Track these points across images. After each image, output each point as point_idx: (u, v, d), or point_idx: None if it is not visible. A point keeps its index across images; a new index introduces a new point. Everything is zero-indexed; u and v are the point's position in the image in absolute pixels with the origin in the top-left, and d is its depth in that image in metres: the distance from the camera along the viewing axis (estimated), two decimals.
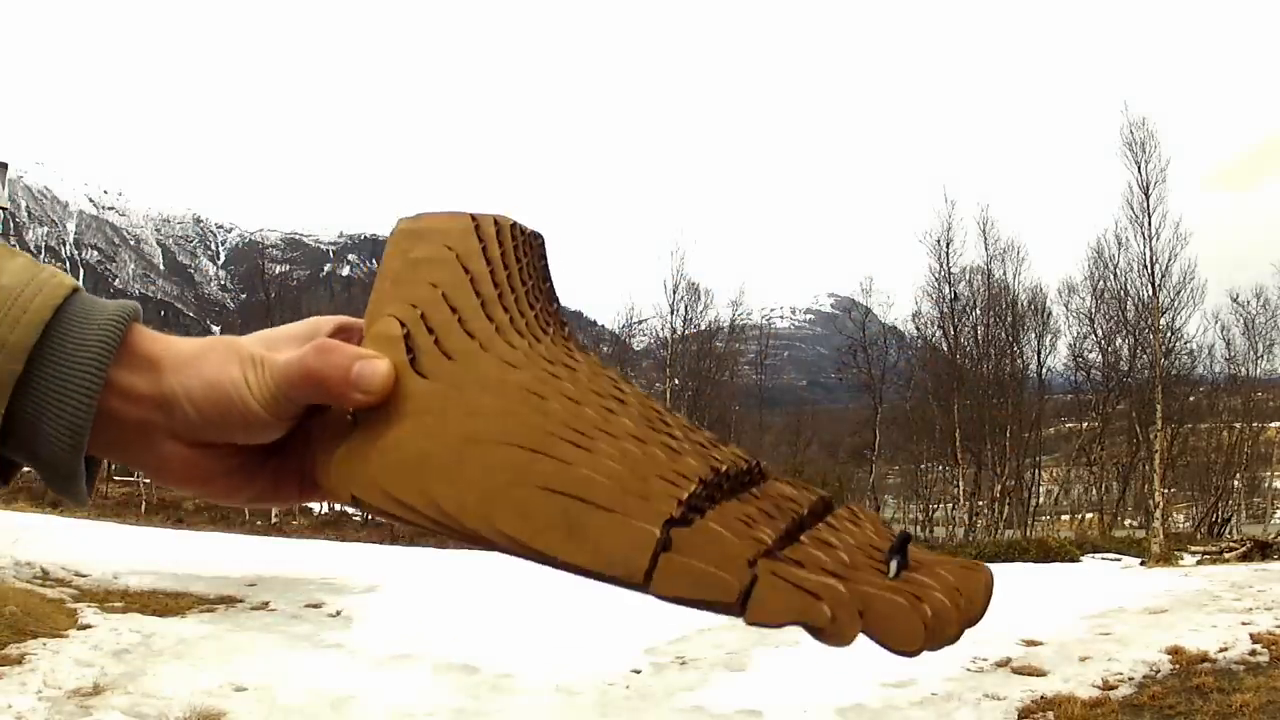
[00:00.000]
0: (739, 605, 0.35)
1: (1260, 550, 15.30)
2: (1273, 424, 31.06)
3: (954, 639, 0.34)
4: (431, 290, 0.45)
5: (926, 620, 0.34)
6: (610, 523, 0.37)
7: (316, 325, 0.47)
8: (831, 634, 0.34)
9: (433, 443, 0.40)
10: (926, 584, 0.35)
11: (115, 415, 0.41)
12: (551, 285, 0.50)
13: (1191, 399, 27.80)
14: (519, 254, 0.47)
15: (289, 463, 0.46)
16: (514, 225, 0.47)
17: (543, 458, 0.39)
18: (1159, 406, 22.62)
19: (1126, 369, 26.61)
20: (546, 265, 0.50)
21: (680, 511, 0.37)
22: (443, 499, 0.39)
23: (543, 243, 0.49)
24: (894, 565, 0.37)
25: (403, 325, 0.44)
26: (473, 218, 0.46)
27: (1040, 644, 6.83)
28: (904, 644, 0.34)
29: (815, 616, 0.34)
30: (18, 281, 0.39)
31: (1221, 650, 6.18)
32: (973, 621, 0.36)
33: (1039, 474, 30.68)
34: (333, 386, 0.41)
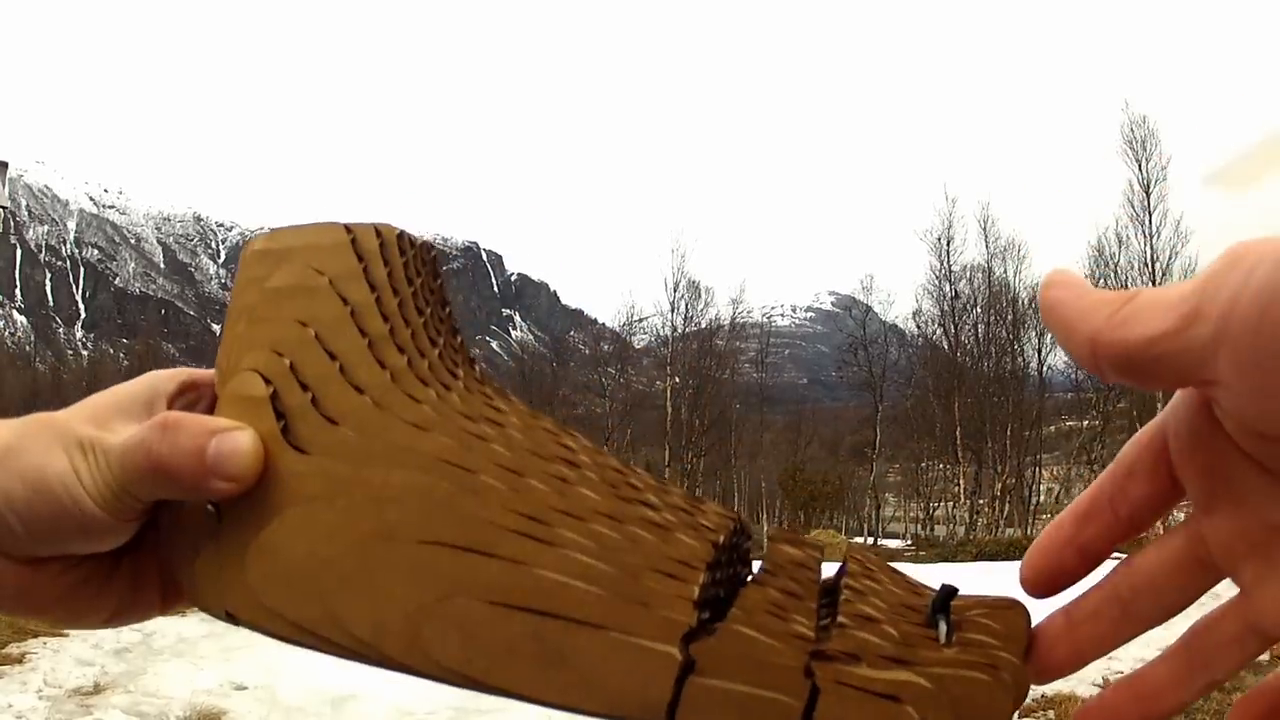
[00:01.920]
0: None
1: None
2: None
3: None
4: (301, 330, 0.34)
5: (1011, 691, 0.29)
6: (604, 646, 0.28)
7: (154, 386, 0.37)
8: None
9: (327, 542, 0.31)
10: (988, 644, 0.29)
11: None
12: (451, 312, 0.38)
13: None
14: (410, 273, 0.36)
15: (144, 565, 0.37)
16: (401, 235, 0.36)
17: (487, 559, 0.29)
18: (1159, 405, 22.60)
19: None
20: (444, 286, 0.39)
21: (696, 617, 0.28)
22: (353, 620, 0.30)
23: (436, 256, 0.38)
24: (944, 629, 0.30)
25: (267, 382, 0.33)
26: (347, 229, 0.35)
27: None
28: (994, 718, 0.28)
29: None
30: None
31: None
32: None
33: (1040, 472, 30.70)
34: (184, 477, 0.32)
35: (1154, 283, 23.72)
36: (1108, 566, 0.33)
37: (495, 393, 0.37)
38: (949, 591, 0.31)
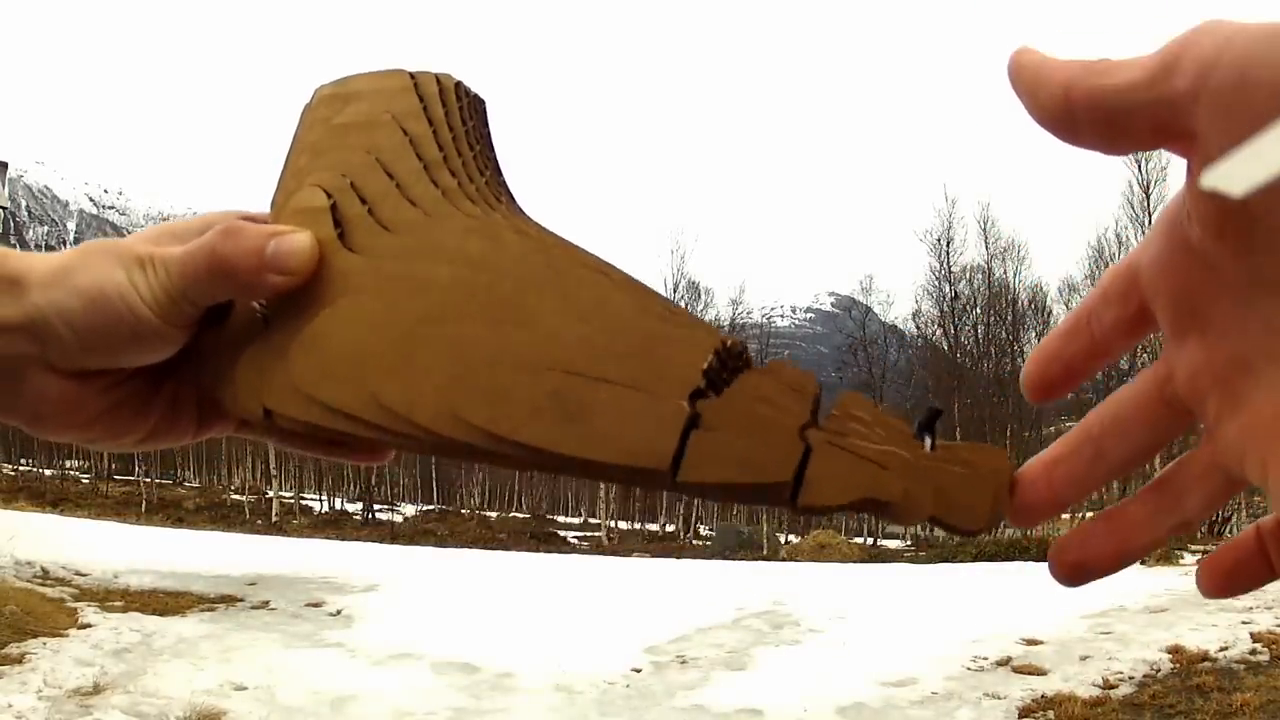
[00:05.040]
0: (790, 485, 0.29)
1: None
2: None
3: (999, 520, 0.31)
4: (363, 156, 0.37)
5: (989, 490, 0.30)
6: (621, 399, 0.30)
7: (210, 221, 0.39)
8: (902, 510, 0.29)
9: (372, 329, 0.33)
10: (972, 460, 0.30)
11: None
12: (495, 154, 0.42)
13: None
14: (464, 115, 0.40)
15: (183, 391, 0.39)
16: (459, 84, 0.40)
17: (521, 329, 0.32)
18: None
19: (1127, 368, 26.61)
20: (490, 133, 0.43)
21: (703, 382, 0.30)
22: (388, 394, 0.32)
23: (486, 107, 0.42)
24: (928, 441, 0.31)
25: (328, 195, 0.36)
26: (411, 75, 0.39)
27: (1041, 643, 6.83)
28: (972, 521, 0.30)
29: (884, 489, 0.29)
30: None
31: (1222, 649, 6.18)
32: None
33: None
34: (244, 273, 0.34)
35: None
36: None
37: (533, 220, 0.40)
38: (936, 410, 0.32)
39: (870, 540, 25.94)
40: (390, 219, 0.36)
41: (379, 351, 0.33)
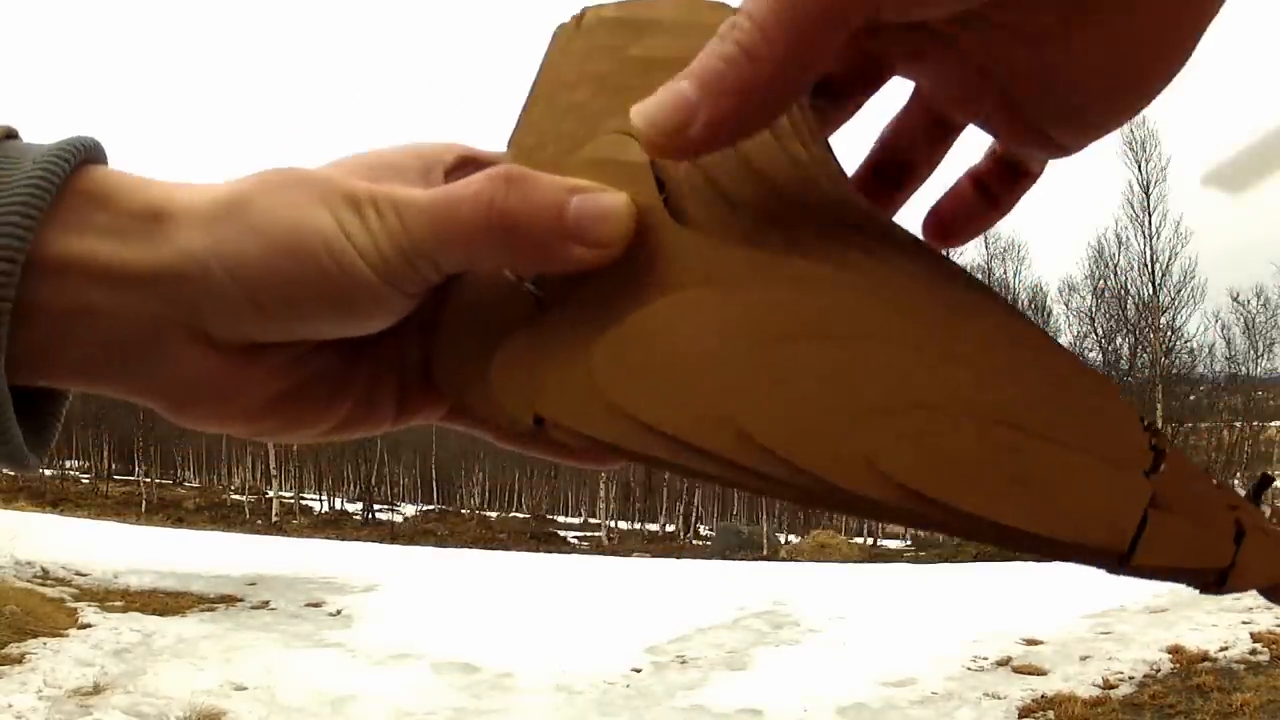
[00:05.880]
0: (1224, 570, 0.26)
1: None
2: (1273, 423, 31.08)
3: None
4: None
5: None
6: (1075, 467, 0.25)
7: (431, 153, 0.30)
8: None
9: (724, 337, 0.26)
10: None
11: (98, 312, 0.25)
12: None
13: (1191, 398, 27.80)
14: None
15: (384, 363, 0.30)
16: None
17: (955, 368, 0.25)
18: (1159, 405, 22.68)
19: (1127, 368, 26.59)
20: None
21: (1150, 447, 0.26)
22: (758, 427, 0.25)
23: None
24: (1266, 511, 0.30)
25: None
26: (728, 8, 0.30)
27: (1041, 643, 6.83)
28: None
29: None
30: None
31: (1222, 649, 6.18)
32: None
33: None
34: (535, 238, 0.25)
35: (1154, 283, 23.77)
36: None
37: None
38: (1268, 478, 0.31)
39: (870, 540, 25.96)
40: (734, 190, 0.27)
41: (740, 368, 0.25)
